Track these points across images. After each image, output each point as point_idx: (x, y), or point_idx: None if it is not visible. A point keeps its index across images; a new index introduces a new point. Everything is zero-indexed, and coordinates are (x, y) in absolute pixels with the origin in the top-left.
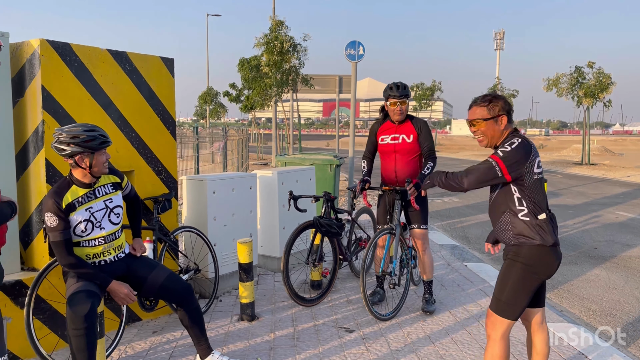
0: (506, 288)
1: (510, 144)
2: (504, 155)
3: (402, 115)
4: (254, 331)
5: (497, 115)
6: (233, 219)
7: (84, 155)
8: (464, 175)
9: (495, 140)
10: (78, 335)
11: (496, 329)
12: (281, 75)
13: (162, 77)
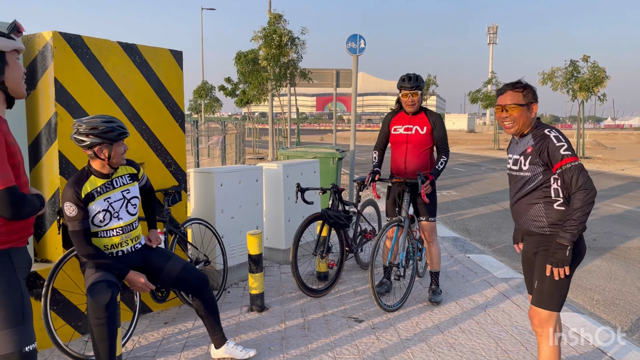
0: (546, 279)
1: (557, 138)
2: (572, 151)
3: (414, 107)
4: (265, 321)
5: (530, 102)
6: (240, 212)
7: (103, 147)
8: (586, 190)
9: (524, 128)
10: (99, 324)
11: (544, 324)
12: (279, 69)
13: (171, 69)
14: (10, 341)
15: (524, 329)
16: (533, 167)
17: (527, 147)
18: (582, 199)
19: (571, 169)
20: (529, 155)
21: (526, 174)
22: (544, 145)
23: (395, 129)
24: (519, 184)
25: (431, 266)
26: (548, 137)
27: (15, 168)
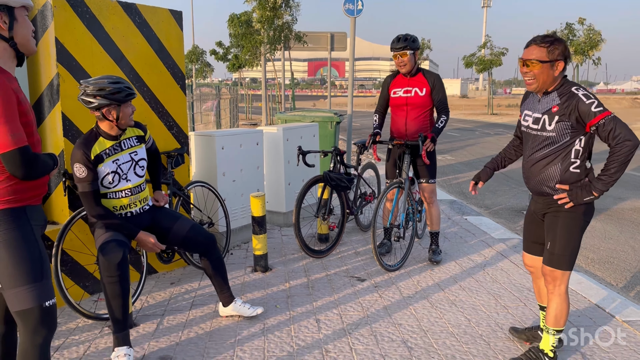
0: (557, 239)
1: (586, 96)
2: (603, 106)
3: (405, 68)
4: (269, 281)
5: (555, 60)
6: (241, 175)
7: (111, 108)
8: (626, 140)
9: (546, 86)
10: (112, 282)
11: (557, 283)
12: (273, 32)
13: (171, 30)
14: (31, 296)
15: (522, 286)
16: (561, 126)
17: (551, 105)
18: (622, 150)
19: (606, 123)
20: (555, 114)
21: (551, 134)
22: (573, 105)
23: (394, 92)
24: (540, 144)
25: (431, 227)
26: (576, 96)
27: (27, 126)
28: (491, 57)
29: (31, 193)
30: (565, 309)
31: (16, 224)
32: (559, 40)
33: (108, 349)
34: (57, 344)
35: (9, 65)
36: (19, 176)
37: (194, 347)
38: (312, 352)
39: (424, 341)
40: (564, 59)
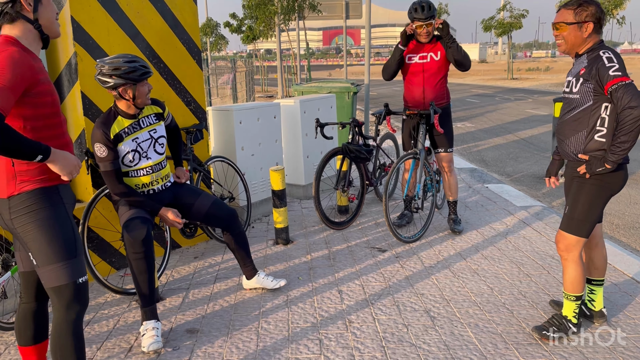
0: (579, 205)
1: (609, 60)
2: (623, 72)
3: (429, 37)
4: (291, 253)
5: (582, 22)
6: (260, 149)
7: (127, 87)
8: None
9: (576, 48)
10: (138, 258)
11: (571, 249)
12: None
13: (185, 4)
14: (65, 273)
15: (545, 254)
16: (584, 88)
17: (580, 68)
18: (626, 118)
19: (618, 88)
20: (581, 77)
21: (575, 96)
22: (595, 67)
23: (410, 58)
24: (568, 106)
25: (449, 196)
26: (600, 58)
27: (53, 105)
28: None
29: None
30: (581, 273)
31: (50, 202)
32: (589, 2)
33: (136, 323)
34: (87, 318)
35: (34, 47)
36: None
37: (219, 320)
38: (336, 323)
39: (446, 310)
40: (596, 21)
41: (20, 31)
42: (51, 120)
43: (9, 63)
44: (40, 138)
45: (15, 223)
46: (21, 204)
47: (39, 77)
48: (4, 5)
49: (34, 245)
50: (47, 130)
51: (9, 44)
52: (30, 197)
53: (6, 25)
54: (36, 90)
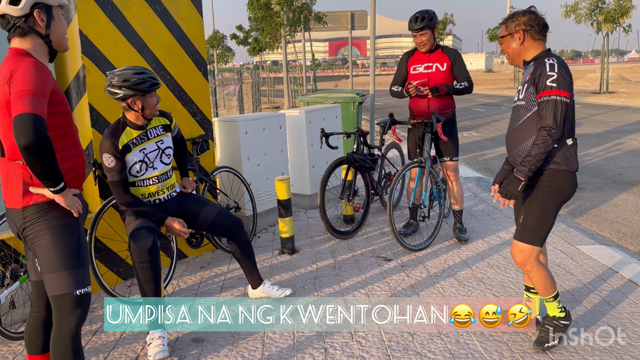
0: (531, 214)
1: (551, 67)
2: (560, 84)
3: (426, 47)
4: (297, 263)
5: (513, 32)
6: (266, 159)
7: (136, 98)
8: (548, 129)
9: (518, 58)
10: (144, 267)
11: (527, 260)
12: (293, 14)
13: (191, 17)
14: (67, 282)
15: (551, 262)
16: (528, 94)
17: (527, 75)
18: (541, 137)
19: (547, 102)
20: (526, 82)
21: (521, 103)
22: (537, 73)
23: (414, 68)
24: (515, 114)
25: (455, 205)
26: (544, 65)
27: (65, 116)
28: None
29: (74, 183)
30: (547, 275)
31: (61, 212)
32: (520, 13)
33: (143, 332)
34: (94, 327)
35: (43, 60)
36: (22, 143)
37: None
38: (342, 332)
39: None
40: (528, 28)
41: (31, 45)
42: (66, 130)
43: (32, 70)
44: (56, 148)
45: (27, 231)
46: (35, 214)
47: (56, 87)
48: (17, 19)
49: (40, 252)
50: (62, 139)
51: (23, 56)
52: (43, 207)
53: (16, 39)
54: (54, 99)
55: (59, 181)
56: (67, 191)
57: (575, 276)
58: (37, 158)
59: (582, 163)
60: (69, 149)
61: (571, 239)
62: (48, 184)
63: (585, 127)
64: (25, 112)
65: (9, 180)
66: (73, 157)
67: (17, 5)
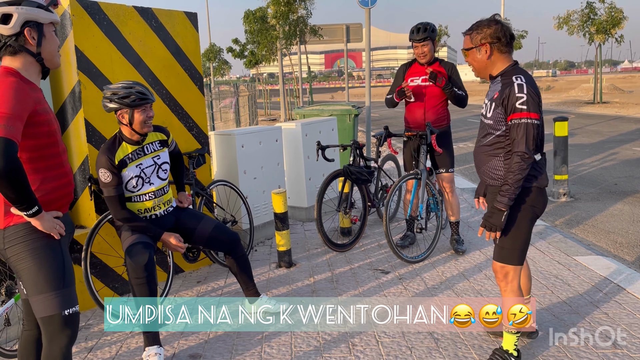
0: (507, 234)
1: (520, 88)
2: (529, 106)
3: (426, 58)
4: (294, 276)
5: (479, 45)
6: (262, 172)
7: (123, 112)
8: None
9: (485, 71)
10: (140, 283)
11: (509, 279)
12: (289, 27)
13: (187, 32)
14: (53, 303)
15: (549, 273)
16: (496, 114)
17: (495, 92)
18: (515, 163)
19: (518, 125)
20: (494, 101)
21: (489, 122)
22: (506, 93)
23: (412, 80)
24: (484, 130)
25: (451, 216)
26: (512, 85)
27: (51, 135)
28: None
29: (58, 204)
30: (519, 300)
31: (42, 234)
32: (485, 24)
33: (139, 349)
34: (90, 344)
35: (34, 78)
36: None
37: (222, 344)
38: (339, 346)
39: (450, 332)
40: (495, 41)
41: (21, 63)
42: (48, 151)
43: (10, 93)
44: (36, 169)
45: (9, 252)
46: (15, 234)
47: (37, 108)
48: (8, 38)
49: (24, 274)
50: (43, 160)
51: (8, 75)
52: (25, 227)
53: (7, 57)
54: (33, 120)
55: (32, 205)
56: (43, 214)
57: (572, 287)
58: (6, 183)
59: (577, 173)
60: (52, 170)
61: (568, 249)
62: (21, 207)
63: (580, 137)
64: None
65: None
66: (57, 178)
67: (8, 24)
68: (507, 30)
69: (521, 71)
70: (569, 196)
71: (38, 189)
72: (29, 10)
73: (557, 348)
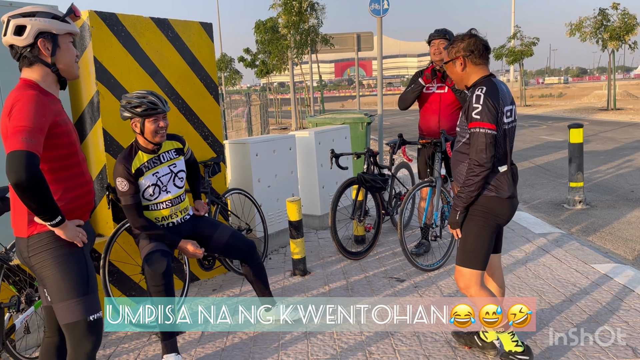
0: (468, 237)
1: (477, 99)
2: (483, 116)
3: (440, 55)
4: (309, 284)
5: (454, 58)
6: (276, 180)
7: (136, 121)
8: (473, 161)
9: (462, 82)
10: (158, 291)
11: (469, 284)
12: (300, 36)
13: (203, 42)
14: (77, 310)
15: (567, 281)
16: (462, 123)
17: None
18: (467, 170)
19: (473, 134)
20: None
21: (458, 129)
22: (467, 103)
23: (427, 88)
24: (457, 138)
25: None
26: (472, 95)
27: (70, 146)
28: (522, 47)
29: (79, 212)
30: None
31: (65, 242)
32: (457, 39)
33: (157, 356)
34: (108, 352)
35: (53, 89)
36: (12, 180)
37: (239, 353)
38: (356, 354)
39: None
40: (468, 54)
41: (39, 74)
42: (68, 161)
43: (31, 106)
44: (57, 179)
45: (33, 260)
46: (39, 242)
47: (57, 119)
48: (23, 49)
49: (49, 281)
50: (64, 170)
51: (28, 88)
52: (48, 236)
53: (26, 69)
54: (54, 132)
55: (55, 215)
56: (66, 223)
57: (591, 295)
58: (29, 195)
59: (593, 180)
60: (74, 179)
61: (585, 257)
62: (44, 218)
63: (594, 144)
64: (18, 149)
65: (15, 209)
66: (78, 187)
67: (21, 35)
68: (480, 43)
69: (489, 83)
70: (584, 203)
71: (60, 198)
72: (42, 22)
73: (576, 356)
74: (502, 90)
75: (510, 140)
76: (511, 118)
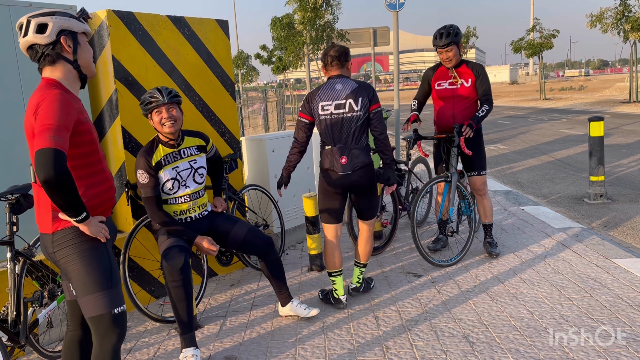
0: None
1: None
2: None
3: (452, 62)
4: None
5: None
6: (292, 176)
7: (148, 116)
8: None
9: None
10: (177, 286)
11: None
12: (316, 32)
13: (219, 39)
14: (102, 303)
15: (587, 276)
16: None
17: None
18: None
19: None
20: None
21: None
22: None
23: (439, 84)
24: None
25: (484, 219)
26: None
27: (91, 144)
28: (541, 40)
29: (101, 208)
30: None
31: (88, 237)
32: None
33: (176, 350)
34: (128, 346)
35: (73, 87)
36: (41, 177)
37: (257, 347)
38: (373, 349)
39: (485, 335)
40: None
41: (62, 72)
42: (90, 158)
43: (57, 104)
44: (80, 176)
45: (58, 255)
46: (64, 238)
47: (80, 118)
48: (45, 47)
49: (74, 276)
50: (86, 168)
51: (52, 87)
52: (72, 231)
53: (47, 67)
54: (77, 129)
55: (81, 211)
56: (90, 220)
57: (612, 290)
58: (57, 192)
59: (614, 174)
60: (95, 176)
61: (606, 252)
62: (70, 214)
63: (616, 137)
64: (46, 147)
65: (39, 205)
66: (100, 183)
67: (44, 33)
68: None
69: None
70: (605, 197)
71: (83, 195)
72: (63, 19)
73: (597, 352)
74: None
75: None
76: (327, 111)
